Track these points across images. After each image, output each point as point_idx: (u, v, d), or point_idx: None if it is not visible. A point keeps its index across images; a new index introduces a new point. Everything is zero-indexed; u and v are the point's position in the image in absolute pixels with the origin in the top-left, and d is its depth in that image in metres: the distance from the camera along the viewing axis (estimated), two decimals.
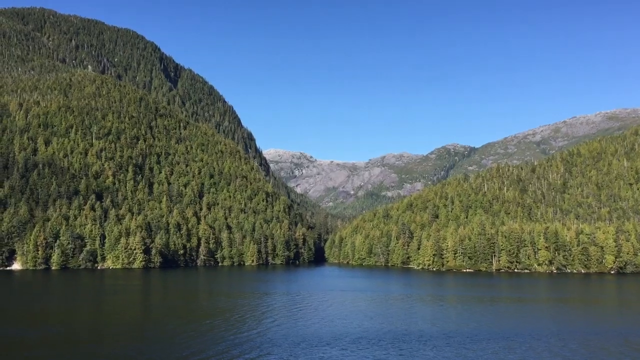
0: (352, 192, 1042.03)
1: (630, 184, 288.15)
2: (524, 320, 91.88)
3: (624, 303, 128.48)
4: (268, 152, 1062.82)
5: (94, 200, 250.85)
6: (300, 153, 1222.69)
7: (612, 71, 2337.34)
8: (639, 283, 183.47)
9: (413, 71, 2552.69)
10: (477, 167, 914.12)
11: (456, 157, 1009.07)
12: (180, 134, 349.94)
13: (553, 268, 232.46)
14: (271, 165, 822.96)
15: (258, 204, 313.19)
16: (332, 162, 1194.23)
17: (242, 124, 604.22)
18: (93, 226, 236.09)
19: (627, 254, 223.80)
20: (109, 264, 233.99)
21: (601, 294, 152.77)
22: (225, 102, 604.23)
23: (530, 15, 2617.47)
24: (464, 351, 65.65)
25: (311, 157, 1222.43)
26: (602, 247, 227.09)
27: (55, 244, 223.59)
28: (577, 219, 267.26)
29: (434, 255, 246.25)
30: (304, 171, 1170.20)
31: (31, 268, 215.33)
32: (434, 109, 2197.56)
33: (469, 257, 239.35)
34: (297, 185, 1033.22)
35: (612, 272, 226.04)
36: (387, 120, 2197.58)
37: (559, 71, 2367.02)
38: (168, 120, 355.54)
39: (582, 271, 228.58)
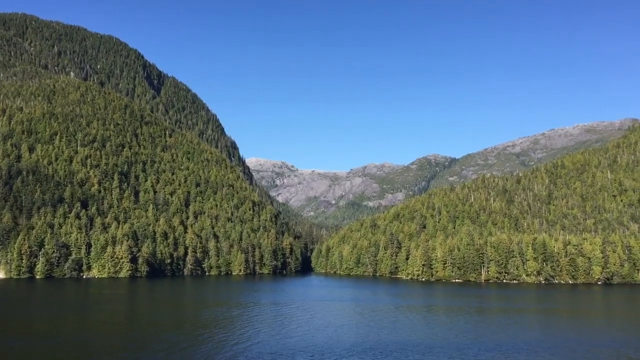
0: (333, 202, 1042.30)
1: (614, 196, 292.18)
2: (512, 331, 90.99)
3: (612, 314, 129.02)
4: (249, 161, 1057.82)
5: (79, 208, 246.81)
6: (282, 162, 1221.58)
7: (590, 84, 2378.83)
8: (625, 294, 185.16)
9: (395, 81, 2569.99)
10: (458, 177, 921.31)
11: (437, 168, 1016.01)
12: (166, 142, 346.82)
13: (541, 279, 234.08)
14: (253, 174, 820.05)
15: (245, 213, 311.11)
16: (313, 171, 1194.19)
17: (226, 133, 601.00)
18: (78, 234, 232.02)
19: (614, 265, 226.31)
20: (94, 273, 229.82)
21: (589, 305, 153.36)
22: (209, 110, 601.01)
23: (509, 27, 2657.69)
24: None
25: (292, 166, 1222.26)
26: (589, 258, 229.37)
27: (40, 253, 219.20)
28: (563, 230, 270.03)
29: (423, 265, 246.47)
30: (285, 180, 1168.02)
31: (15, 277, 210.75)
32: (415, 119, 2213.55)
33: (458, 268, 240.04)
34: (278, 195, 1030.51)
35: (599, 283, 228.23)
36: (369, 130, 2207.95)
37: (538, 83, 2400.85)
38: (153, 128, 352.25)
39: (570, 282, 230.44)
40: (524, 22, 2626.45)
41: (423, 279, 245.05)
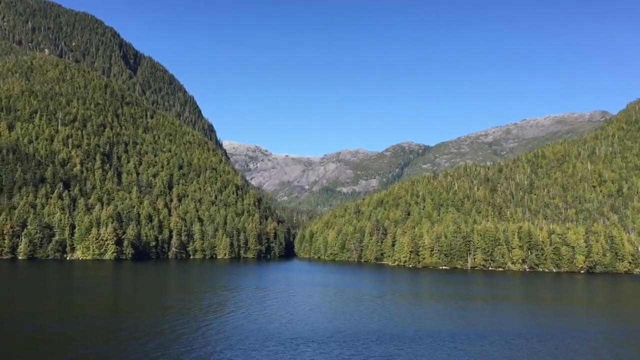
0: (307, 187, 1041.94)
1: (594, 187, 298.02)
2: (499, 319, 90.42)
3: (595, 303, 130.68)
4: (223, 145, 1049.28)
5: (61, 188, 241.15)
6: (256, 146, 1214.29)
7: (562, 76, 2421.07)
8: (607, 283, 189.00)
9: (370, 69, 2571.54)
10: (432, 165, 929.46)
11: (411, 155, 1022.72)
12: (147, 123, 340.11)
13: (526, 266, 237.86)
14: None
15: (228, 197, 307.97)
16: (287, 156, 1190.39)
17: (203, 115, 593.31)
18: (62, 215, 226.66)
19: (597, 254, 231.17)
20: (78, 254, 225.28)
21: (573, 293, 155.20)
22: (186, 92, 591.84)
23: (484, 19, 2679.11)
24: (421, 349, 63.33)
25: (266, 150, 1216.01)
26: (573, 248, 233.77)
27: (23, 233, 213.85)
28: (545, 219, 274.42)
29: (410, 252, 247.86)
30: (258, 165, 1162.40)
31: None
32: (390, 107, 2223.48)
33: (445, 255, 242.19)
34: (252, 179, 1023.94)
35: (582, 271, 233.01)
36: (343, 116, 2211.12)
37: (511, 74, 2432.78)
38: (134, 109, 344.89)
39: (554, 270, 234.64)
40: (498, 14, 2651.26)
41: (410, 266, 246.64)
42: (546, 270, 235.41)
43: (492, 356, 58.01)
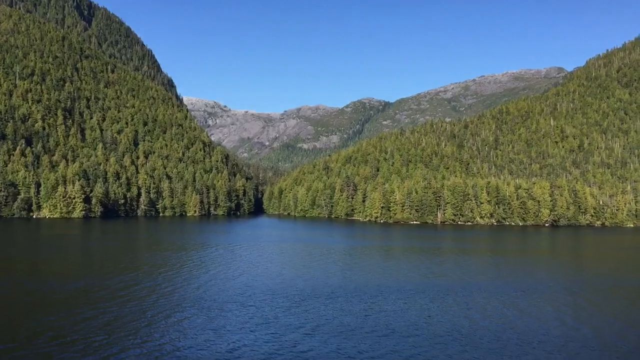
0: (267, 144, 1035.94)
1: (557, 142, 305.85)
2: (470, 271, 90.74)
3: (559, 254, 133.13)
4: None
5: (23, 145, 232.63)
6: (214, 102, 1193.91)
7: (519, 33, 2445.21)
8: (570, 235, 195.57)
9: (328, 25, 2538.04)
10: (392, 121, 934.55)
11: (371, 112, 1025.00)
12: (109, 77, 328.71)
13: (493, 221, 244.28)
14: None
15: (196, 154, 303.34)
16: (246, 112, 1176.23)
17: (162, 70, 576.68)
18: (27, 173, 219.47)
19: (561, 208, 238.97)
20: (45, 213, 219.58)
21: (538, 246, 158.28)
22: (144, 45, 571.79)
23: None
24: (395, 303, 63.45)
25: (225, 106, 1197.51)
26: (538, 202, 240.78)
27: None
28: (510, 174, 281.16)
29: (382, 207, 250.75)
30: (217, 121, 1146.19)
31: None
32: (350, 62, 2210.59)
33: (415, 210, 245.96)
34: (211, 135, 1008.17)
35: (546, 224, 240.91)
36: (303, 72, 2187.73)
37: (469, 31, 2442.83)
38: (94, 63, 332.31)
39: (520, 224, 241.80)
40: None
41: (382, 221, 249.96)
42: (512, 224, 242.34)
43: (453, 309, 58.88)
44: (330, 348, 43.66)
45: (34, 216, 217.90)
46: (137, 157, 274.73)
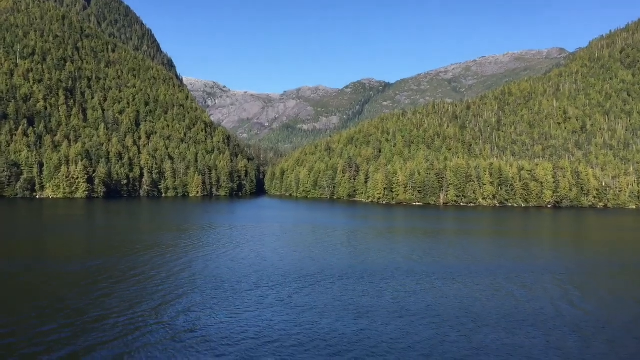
0: (266, 124, 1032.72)
1: (559, 123, 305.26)
2: (465, 253, 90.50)
3: (562, 235, 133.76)
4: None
5: (25, 125, 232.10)
6: (214, 82, 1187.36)
7: (521, 14, 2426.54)
8: (572, 217, 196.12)
9: (328, 5, 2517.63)
10: (392, 102, 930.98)
11: (371, 92, 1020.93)
12: (109, 57, 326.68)
13: (496, 202, 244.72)
14: None
15: (198, 134, 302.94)
16: (246, 92, 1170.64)
17: (162, 49, 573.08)
18: (29, 153, 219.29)
19: (564, 189, 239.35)
20: (48, 193, 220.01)
21: (541, 227, 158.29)
22: (143, 24, 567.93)
23: None
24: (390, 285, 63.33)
25: (224, 87, 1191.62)
26: (541, 183, 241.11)
27: None
28: (513, 155, 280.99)
29: (384, 189, 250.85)
30: (217, 101, 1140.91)
31: None
32: (350, 43, 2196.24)
33: (418, 191, 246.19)
34: (210, 116, 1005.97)
35: (549, 206, 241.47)
36: (303, 52, 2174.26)
37: (471, 11, 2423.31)
38: (95, 42, 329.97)
39: (522, 205, 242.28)
40: None
41: (384, 202, 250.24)
42: (515, 205, 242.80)
43: (464, 290, 59.05)
44: (348, 328, 43.86)
45: (37, 196, 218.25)
46: (139, 138, 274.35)
